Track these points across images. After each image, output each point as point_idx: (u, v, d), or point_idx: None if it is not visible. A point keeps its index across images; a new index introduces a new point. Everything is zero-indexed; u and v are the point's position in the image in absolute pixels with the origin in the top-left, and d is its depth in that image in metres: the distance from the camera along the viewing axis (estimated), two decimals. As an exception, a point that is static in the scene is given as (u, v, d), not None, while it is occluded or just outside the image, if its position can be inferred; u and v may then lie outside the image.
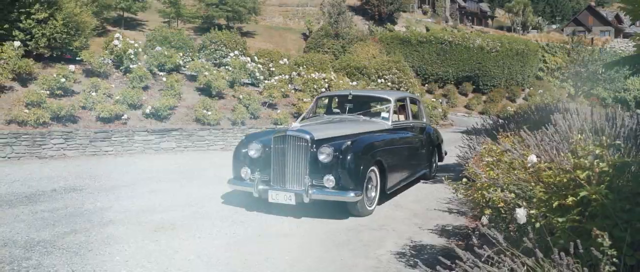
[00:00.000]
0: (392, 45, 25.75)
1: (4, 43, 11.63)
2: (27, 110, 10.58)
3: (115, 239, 5.02)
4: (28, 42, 12.06)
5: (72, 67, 12.31)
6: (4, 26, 11.75)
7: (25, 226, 5.43)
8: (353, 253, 4.89)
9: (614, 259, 2.22)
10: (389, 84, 19.40)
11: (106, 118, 11.42)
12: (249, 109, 13.63)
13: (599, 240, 2.17)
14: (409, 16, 49.33)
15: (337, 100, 8.90)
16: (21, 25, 11.89)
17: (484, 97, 31.64)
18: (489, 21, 70.95)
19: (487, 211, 3.93)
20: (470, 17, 65.96)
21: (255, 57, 16.67)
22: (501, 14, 72.89)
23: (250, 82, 15.93)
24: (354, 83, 18.27)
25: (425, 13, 54.69)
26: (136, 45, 13.67)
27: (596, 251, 2.19)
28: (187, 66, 14.74)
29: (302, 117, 8.41)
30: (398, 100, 8.47)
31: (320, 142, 6.08)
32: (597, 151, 2.86)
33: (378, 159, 6.43)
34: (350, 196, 5.87)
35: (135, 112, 12.21)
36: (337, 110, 8.55)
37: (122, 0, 28.55)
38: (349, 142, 6.12)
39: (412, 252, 4.96)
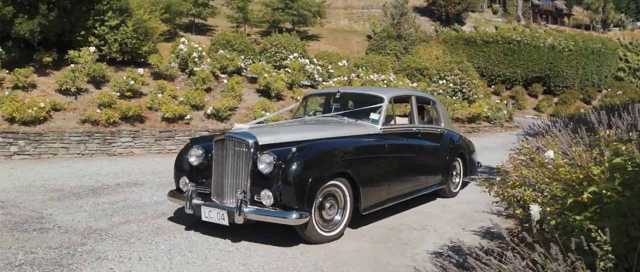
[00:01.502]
0: (457, 46, 25.19)
1: (81, 49, 12.56)
2: (99, 111, 11.36)
3: (164, 230, 5.35)
4: (102, 48, 12.94)
5: (140, 70, 13.09)
6: (81, 33, 12.67)
7: (87, 215, 5.89)
8: (390, 250, 4.94)
9: (610, 256, 2.16)
10: (451, 85, 19.04)
11: (170, 118, 12.03)
12: (307, 110, 13.86)
13: (593, 234, 2.12)
14: (478, 16, 48.02)
15: (325, 99, 7.50)
16: (96, 31, 12.77)
17: (555, 99, 30.23)
18: (565, 19, 67.67)
19: (519, 210, 3.87)
20: (544, 16, 63.25)
21: (315, 60, 16.94)
22: (579, 11, 69.32)
23: (309, 83, 16.20)
24: (414, 84, 18.11)
25: (495, 13, 53.04)
26: (200, 49, 14.30)
27: (595, 247, 2.15)
28: (248, 68, 15.22)
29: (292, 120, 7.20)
30: (397, 99, 7.04)
31: (265, 148, 4.91)
32: (623, 147, 2.78)
33: (343, 171, 5.14)
34: (292, 218, 4.63)
35: (198, 113, 12.78)
36: (320, 111, 7.30)
37: (193, 7, 29.73)
38: (294, 149, 4.87)
39: (450, 253, 4.94)
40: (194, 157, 5.44)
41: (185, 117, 12.21)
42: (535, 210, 2.74)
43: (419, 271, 3.23)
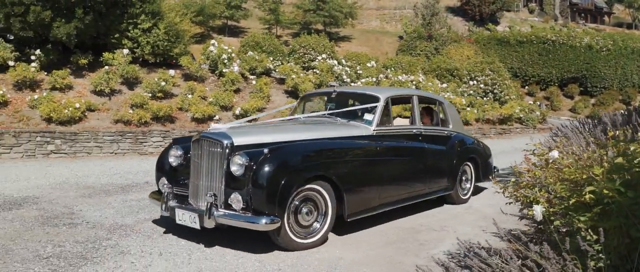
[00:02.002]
0: (489, 46, 24.78)
1: (115, 51, 12.97)
2: (131, 111, 11.71)
3: (186, 227, 5.51)
4: (135, 50, 13.32)
5: (172, 71, 13.42)
6: (115, 36, 13.09)
7: (114, 212, 6.12)
8: (405, 251, 4.97)
9: (601, 255, 2.16)
10: (482, 86, 18.79)
11: (200, 118, 12.30)
12: (334, 110, 13.95)
13: (583, 233, 2.12)
14: (513, 16, 47.15)
15: (322, 99, 7.26)
16: (129, 34, 13.17)
17: (592, 100, 29.42)
18: (606, 18, 65.66)
19: (530, 211, 3.85)
20: (583, 15, 61.52)
21: (343, 61, 17.02)
22: (620, 9, 67.13)
23: (338, 84, 16.26)
24: (444, 85, 17.96)
25: (531, 12, 51.93)
26: (229, 50, 14.56)
27: (588, 246, 2.15)
28: (277, 70, 15.41)
29: (282, 119, 6.94)
30: (395, 100, 6.74)
31: (240, 149, 4.72)
32: (632, 148, 2.75)
33: (322, 174, 4.88)
34: (262, 224, 4.41)
35: (227, 114, 13.01)
36: (314, 111, 6.97)
37: (225, 10, 30.24)
38: (266, 150, 4.68)
39: (466, 253, 4.93)
40: (173, 158, 5.34)
41: (215, 118, 12.46)
42: (538, 210, 2.75)
43: (423, 271, 3.24)
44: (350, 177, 5.19)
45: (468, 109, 17.06)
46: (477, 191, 7.82)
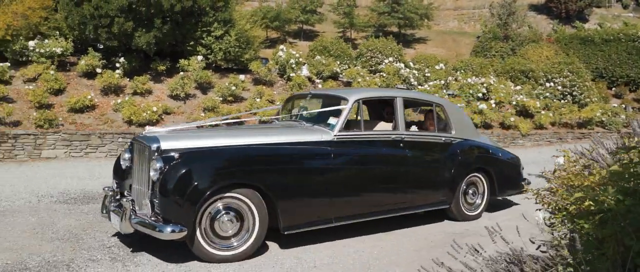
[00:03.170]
0: (571, 46, 23.52)
1: (190, 57, 13.83)
2: (203, 114, 12.44)
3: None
4: (208, 56, 14.10)
5: (242, 76, 14.07)
6: (191, 43, 13.95)
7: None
8: (442, 255, 5.02)
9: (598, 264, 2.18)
10: (559, 88, 17.95)
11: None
12: (399, 114, 13.99)
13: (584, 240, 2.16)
14: (604, 12, 44.24)
15: (297, 101, 6.74)
16: (203, 41, 13.97)
17: (692, 102, 27.05)
18: None
19: (558, 216, 3.82)
20: (686, 9, 56.49)
21: (411, 63, 16.96)
22: None
23: (405, 88, 16.24)
24: (518, 87, 17.37)
25: (625, 7, 48.45)
26: (297, 55, 15.01)
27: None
28: (343, 73, 15.66)
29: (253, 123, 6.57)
30: (370, 101, 6.29)
31: (168, 153, 4.59)
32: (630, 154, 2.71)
33: (244, 181, 4.62)
34: (167, 232, 4.23)
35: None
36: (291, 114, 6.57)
37: (301, 14, 30.96)
38: (177, 155, 4.53)
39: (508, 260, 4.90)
40: (123, 161, 5.22)
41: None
42: (540, 217, 2.79)
43: (426, 271, 3.35)
44: (287, 186, 4.85)
45: (543, 112, 16.40)
46: (504, 205, 7.46)
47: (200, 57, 13.74)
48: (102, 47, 13.48)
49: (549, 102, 17.29)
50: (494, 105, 15.79)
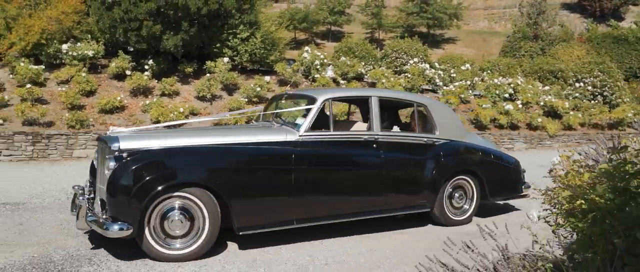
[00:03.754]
0: (604, 45, 22.96)
1: (216, 59, 14.11)
2: (228, 115, 12.68)
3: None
4: (234, 58, 14.36)
5: (267, 78, 14.28)
6: (217, 45, 14.23)
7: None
8: (449, 255, 5.06)
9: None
10: (589, 88, 17.58)
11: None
12: (423, 114, 13.98)
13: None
14: (641, 10, 42.97)
15: (278, 102, 6.56)
16: (229, 43, 14.24)
17: None
18: None
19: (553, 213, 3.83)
20: None
21: (436, 64, 16.89)
22: None
23: (430, 88, 16.20)
24: (546, 88, 17.10)
25: (665, 4, 46.92)
26: (321, 56, 15.14)
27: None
28: (368, 74, 15.71)
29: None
30: (342, 100, 6.02)
31: (120, 153, 4.69)
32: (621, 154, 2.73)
33: (193, 180, 4.63)
34: (113, 230, 4.33)
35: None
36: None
37: (329, 16, 31.11)
38: (125, 155, 4.62)
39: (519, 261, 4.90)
40: (94, 160, 5.37)
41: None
42: (534, 215, 2.83)
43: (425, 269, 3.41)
44: (241, 186, 4.82)
45: (571, 112, 16.10)
46: (505, 210, 7.23)
47: (226, 59, 14.00)
48: (132, 49, 13.89)
49: (578, 102, 16.97)
50: (520, 105, 15.60)
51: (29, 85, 11.95)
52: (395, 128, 6.31)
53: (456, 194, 6.27)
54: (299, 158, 5.19)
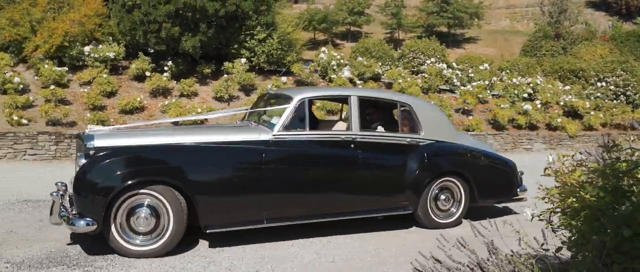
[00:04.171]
0: (628, 43, 22.51)
1: (234, 60, 14.30)
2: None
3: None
4: (251, 59, 14.53)
5: (284, 78, 14.42)
6: (234, 46, 14.41)
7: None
8: (460, 253, 5.08)
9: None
10: (611, 88, 17.27)
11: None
12: (440, 114, 13.95)
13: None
14: (670, 7, 41.93)
15: (263, 101, 6.42)
16: (246, 44, 14.40)
17: None
18: None
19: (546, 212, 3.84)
20: None
21: (454, 64, 16.81)
22: None
23: (448, 88, 16.13)
24: (567, 87, 16.86)
25: (694, 2, 45.70)
26: (338, 57, 15.21)
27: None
28: (385, 75, 15.72)
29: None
30: (312, 99, 5.97)
31: (90, 150, 4.82)
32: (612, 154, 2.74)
33: (160, 179, 4.71)
34: (80, 226, 4.47)
35: (333, 117, 13.64)
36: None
37: (348, 16, 31.14)
38: (92, 152, 4.77)
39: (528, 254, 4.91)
40: (77, 159, 5.42)
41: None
42: (528, 213, 2.86)
43: (418, 270, 3.48)
44: (207, 184, 4.92)
45: (593, 113, 15.86)
46: (502, 213, 7.03)
47: (243, 60, 14.17)
48: (151, 51, 14.16)
49: (600, 102, 16.69)
50: (539, 106, 15.42)
51: (52, 87, 12.30)
52: (380, 128, 6.18)
53: (442, 196, 6.14)
54: (270, 157, 5.21)
